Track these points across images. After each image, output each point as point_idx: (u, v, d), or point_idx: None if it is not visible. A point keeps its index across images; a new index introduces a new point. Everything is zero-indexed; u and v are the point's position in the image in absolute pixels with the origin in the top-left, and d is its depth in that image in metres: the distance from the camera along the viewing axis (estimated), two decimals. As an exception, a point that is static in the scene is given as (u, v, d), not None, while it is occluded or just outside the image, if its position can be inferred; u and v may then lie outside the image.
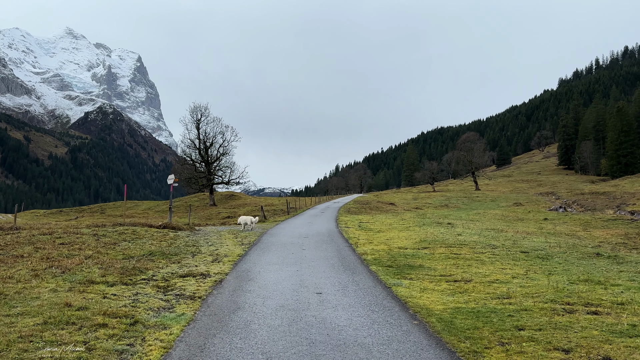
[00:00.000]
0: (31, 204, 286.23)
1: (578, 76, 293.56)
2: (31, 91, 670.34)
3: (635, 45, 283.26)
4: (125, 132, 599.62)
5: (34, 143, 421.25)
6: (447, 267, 13.87)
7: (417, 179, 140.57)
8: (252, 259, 15.25)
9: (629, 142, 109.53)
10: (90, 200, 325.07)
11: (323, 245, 19.07)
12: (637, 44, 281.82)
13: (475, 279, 11.88)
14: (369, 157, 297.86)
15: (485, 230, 27.34)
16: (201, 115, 62.95)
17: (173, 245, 18.78)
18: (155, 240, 20.85)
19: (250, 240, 21.53)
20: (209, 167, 64.16)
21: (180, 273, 12.49)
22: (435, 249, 17.94)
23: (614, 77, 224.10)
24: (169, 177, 28.63)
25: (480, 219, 42.83)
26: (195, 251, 17.16)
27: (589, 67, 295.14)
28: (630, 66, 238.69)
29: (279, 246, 18.92)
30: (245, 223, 27.17)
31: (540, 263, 15.24)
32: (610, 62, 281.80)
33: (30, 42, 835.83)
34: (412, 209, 65.11)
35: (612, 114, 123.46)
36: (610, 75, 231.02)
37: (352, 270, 13.13)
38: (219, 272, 12.81)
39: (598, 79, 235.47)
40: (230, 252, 17.04)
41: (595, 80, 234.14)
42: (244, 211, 56.96)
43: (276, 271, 13.00)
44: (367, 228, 28.89)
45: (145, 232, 23.91)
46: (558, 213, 51.00)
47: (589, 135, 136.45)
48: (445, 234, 23.85)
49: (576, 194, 79.11)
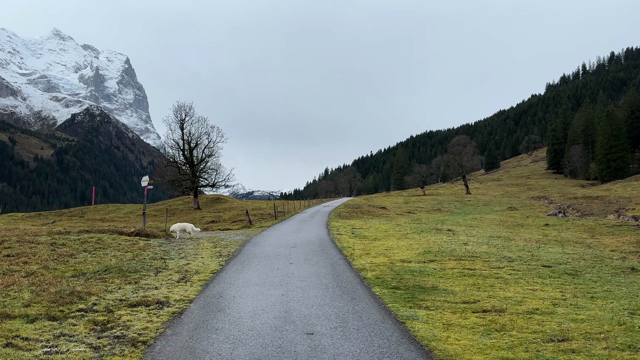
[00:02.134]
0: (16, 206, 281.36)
1: (565, 81, 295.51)
2: (17, 92, 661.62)
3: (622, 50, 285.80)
4: (112, 134, 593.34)
5: (20, 145, 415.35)
6: (467, 289, 11.30)
7: (407, 182, 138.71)
8: (227, 278, 12.52)
9: (618, 146, 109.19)
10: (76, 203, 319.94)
11: (314, 258, 16.42)
12: (623, 50, 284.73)
13: (509, 308, 9.32)
14: (359, 161, 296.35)
15: (491, 238, 24.86)
16: (185, 115, 60.08)
17: (138, 258, 16.07)
18: (120, 251, 18.13)
19: (231, 250, 18.81)
20: (193, 169, 61.28)
21: (131, 300, 9.75)
22: (444, 263, 15.38)
23: (601, 82, 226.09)
24: (143, 178, 25.92)
25: (479, 225, 40.43)
26: (161, 266, 14.33)
27: (576, 72, 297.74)
28: (616, 71, 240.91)
29: (262, 259, 16.25)
30: (181, 230, 24.45)
31: (572, 281, 12.73)
32: (597, 68, 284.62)
33: (17, 42, 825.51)
34: (404, 213, 62.70)
35: (601, 118, 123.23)
36: (597, 80, 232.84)
37: (351, 295, 10.49)
38: (182, 299, 10.08)
39: (585, 84, 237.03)
40: (203, 268, 14.28)
41: (582, 85, 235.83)
42: (230, 215, 54.20)
43: (255, 296, 10.33)
44: (361, 235, 26.31)
45: (112, 240, 21.17)
46: (558, 218, 48.75)
47: (578, 140, 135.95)
48: (449, 243, 21.33)
49: (569, 198, 77.32)
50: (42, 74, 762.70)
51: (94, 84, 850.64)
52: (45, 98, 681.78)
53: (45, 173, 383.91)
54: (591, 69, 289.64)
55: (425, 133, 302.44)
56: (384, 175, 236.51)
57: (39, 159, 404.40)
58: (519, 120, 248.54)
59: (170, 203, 74.93)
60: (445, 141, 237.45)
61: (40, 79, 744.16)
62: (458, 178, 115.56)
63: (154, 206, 75.68)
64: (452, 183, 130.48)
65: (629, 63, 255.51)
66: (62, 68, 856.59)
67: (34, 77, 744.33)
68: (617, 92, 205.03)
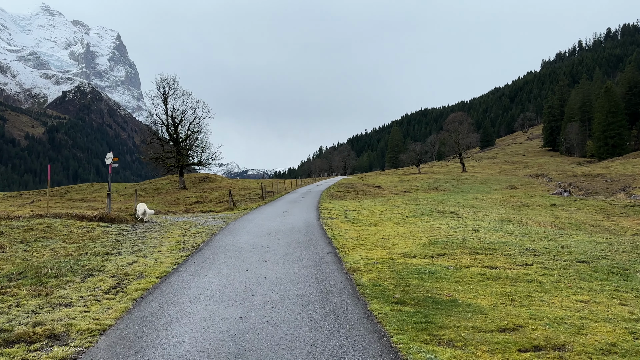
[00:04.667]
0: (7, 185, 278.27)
1: (561, 58, 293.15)
2: (6, 69, 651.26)
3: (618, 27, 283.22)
4: (104, 112, 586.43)
5: (10, 123, 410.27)
6: (498, 302, 8.30)
7: (402, 160, 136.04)
8: (175, 286, 9.39)
9: (616, 123, 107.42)
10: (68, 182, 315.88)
11: (296, 252, 13.34)
12: (620, 26, 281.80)
13: (571, 341, 6.32)
14: (353, 139, 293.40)
15: (502, 223, 21.87)
16: (169, 89, 56.46)
17: (78, 253, 12.96)
18: (65, 242, 15.03)
19: (198, 241, 15.67)
20: (178, 147, 57.90)
21: (15, 330, 6.50)
22: (457, 258, 12.37)
23: (597, 59, 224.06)
24: (107, 155, 22.73)
25: (482, 205, 37.51)
26: (97, 266, 11.10)
27: (572, 49, 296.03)
28: (612, 48, 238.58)
29: (232, 254, 13.16)
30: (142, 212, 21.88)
31: (627, 286, 9.74)
32: (593, 44, 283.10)
33: (5, 18, 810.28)
34: (400, 192, 59.78)
35: (599, 95, 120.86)
36: (594, 57, 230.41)
37: (340, 317, 7.38)
38: (91, 328, 6.81)
39: (581, 60, 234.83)
40: (151, 269, 11.09)
41: (578, 62, 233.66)
42: (216, 195, 51.10)
43: (203, 319, 7.20)
44: (354, 219, 23.31)
45: (64, 227, 18.07)
46: (564, 198, 45.94)
47: (574, 117, 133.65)
48: (457, 230, 18.33)
49: (568, 175, 74.84)
50: (32, 51, 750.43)
51: (85, 61, 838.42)
52: (35, 75, 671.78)
53: (37, 151, 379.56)
54: (587, 45, 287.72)
55: (420, 111, 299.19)
56: (379, 154, 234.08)
57: (30, 137, 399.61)
58: (514, 97, 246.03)
59: (157, 182, 71.73)
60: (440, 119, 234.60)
61: (30, 55, 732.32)
62: (454, 156, 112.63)
63: (139, 185, 72.47)
64: (448, 161, 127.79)
65: (626, 39, 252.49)
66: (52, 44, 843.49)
67: (24, 53, 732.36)
68: (614, 68, 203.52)
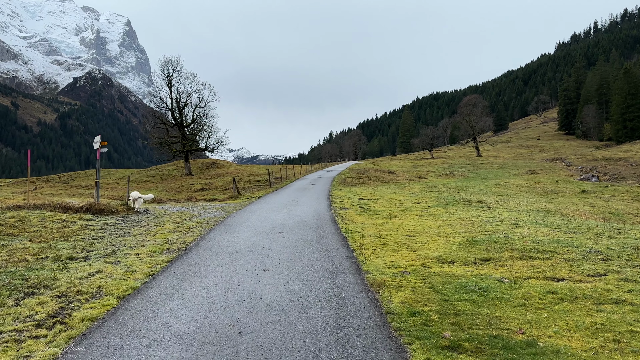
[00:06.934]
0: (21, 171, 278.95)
1: (576, 40, 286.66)
2: (18, 56, 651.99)
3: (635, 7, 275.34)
4: (115, 98, 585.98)
5: (22, 109, 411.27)
6: (597, 348, 5.73)
7: (413, 145, 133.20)
8: (137, 313, 6.76)
9: (635, 105, 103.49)
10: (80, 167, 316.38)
11: (304, 256, 10.79)
12: (637, 7, 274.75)
13: None
14: (364, 124, 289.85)
15: (541, 214, 19.21)
16: (173, 71, 53.99)
17: (32, 259, 10.48)
18: (32, 241, 12.58)
19: (188, 240, 13.12)
20: (183, 131, 55.46)
21: None
22: (507, 266, 9.77)
23: (614, 40, 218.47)
24: (95, 139, 20.30)
25: (507, 192, 34.77)
26: (45, 280, 8.42)
27: (587, 31, 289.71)
28: (629, 29, 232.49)
29: (223, 259, 10.63)
30: (136, 199, 20.22)
31: None
32: (609, 26, 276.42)
33: (16, 5, 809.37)
34: (415, 178, 57.06)
35: (617, 76, 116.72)
36: (610, 38, 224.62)
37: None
38: None
39: (597, 42, 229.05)
40: (116, 283, 8.46)
41: (594, 44, 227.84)
42: (222, 182, 48.70)
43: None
44: (371, 210, 20.75)
45: (39, 221, 15.66)
46: (593, 184, 43.02)
47: (591, 99, 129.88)
48: (492, 224, 15.70)
49: (588, 160, 71.79)
50: (43, 37, 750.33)
51: (95, 47, 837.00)
52: (46, 62, 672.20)
53: (49, 138, 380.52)
54: (603, 26, 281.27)
55: (432, 95, 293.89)
56: (390, 139, 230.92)
57: (42, 124, 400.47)
58: (528, 80, 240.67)
59: (163, 168, 69.64)
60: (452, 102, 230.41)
61: (41, 42, 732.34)
62: (468, 140, 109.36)
63: (145, 171, 70.38)
64: (461, 145, 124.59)
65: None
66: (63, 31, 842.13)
67: (35, 40, 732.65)
68: (631, 50, 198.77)
